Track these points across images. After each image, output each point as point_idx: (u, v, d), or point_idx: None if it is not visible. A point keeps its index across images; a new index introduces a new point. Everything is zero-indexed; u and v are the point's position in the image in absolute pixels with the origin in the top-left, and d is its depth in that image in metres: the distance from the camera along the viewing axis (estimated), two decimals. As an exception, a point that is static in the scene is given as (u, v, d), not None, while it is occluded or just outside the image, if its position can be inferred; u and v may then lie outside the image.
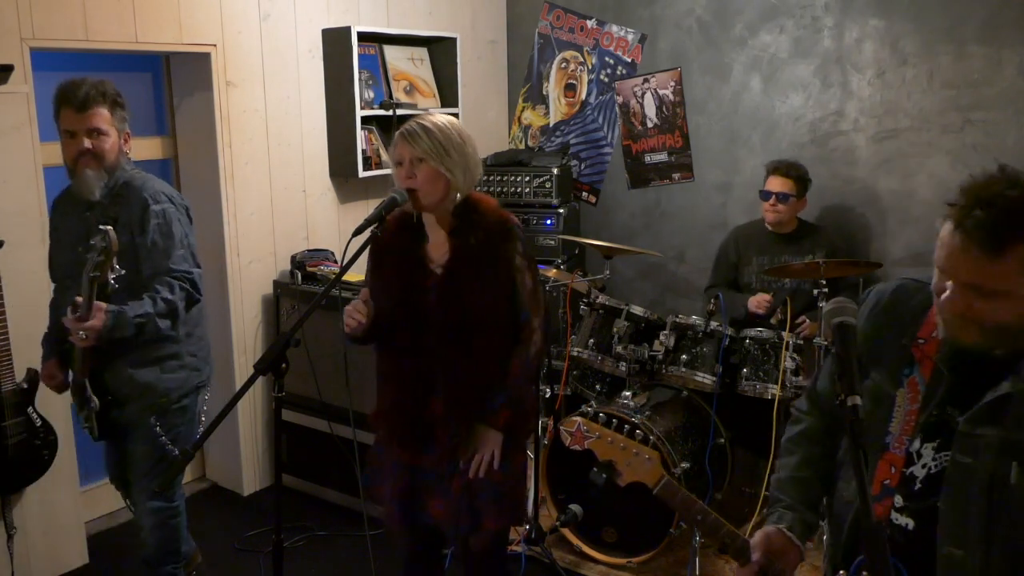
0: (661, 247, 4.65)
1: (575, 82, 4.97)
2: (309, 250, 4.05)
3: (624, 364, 3.48)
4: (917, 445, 1.47)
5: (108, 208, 2.56)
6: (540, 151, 5.00)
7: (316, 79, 4.09)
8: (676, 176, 4.72)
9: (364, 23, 4.25)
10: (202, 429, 2.80)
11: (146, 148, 3.80)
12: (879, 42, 4.01)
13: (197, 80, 3.71)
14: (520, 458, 2.40)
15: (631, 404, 3.41)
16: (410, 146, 2.18)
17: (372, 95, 4.26)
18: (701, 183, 4.63)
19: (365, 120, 4.14)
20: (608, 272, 3.80)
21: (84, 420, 2.70)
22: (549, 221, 4.59)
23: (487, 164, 4.70)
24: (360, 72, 4.07)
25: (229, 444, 3.97)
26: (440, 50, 4.63)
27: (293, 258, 3.95)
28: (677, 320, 3.50)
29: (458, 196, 2.25)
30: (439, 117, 2.26)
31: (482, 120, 5.01)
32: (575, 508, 3.32)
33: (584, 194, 5.03)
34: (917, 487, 1.46)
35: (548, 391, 3.70)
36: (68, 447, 3.25)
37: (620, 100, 4.82)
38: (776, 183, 3.76)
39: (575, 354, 3.59)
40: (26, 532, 3.17)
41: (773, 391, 3.33)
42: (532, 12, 5.04)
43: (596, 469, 1.68)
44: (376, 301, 2.27)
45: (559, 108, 5.06)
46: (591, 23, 4.85)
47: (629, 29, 4.72)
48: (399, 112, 4.04)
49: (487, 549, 2.39)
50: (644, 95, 4.73)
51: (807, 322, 3.60)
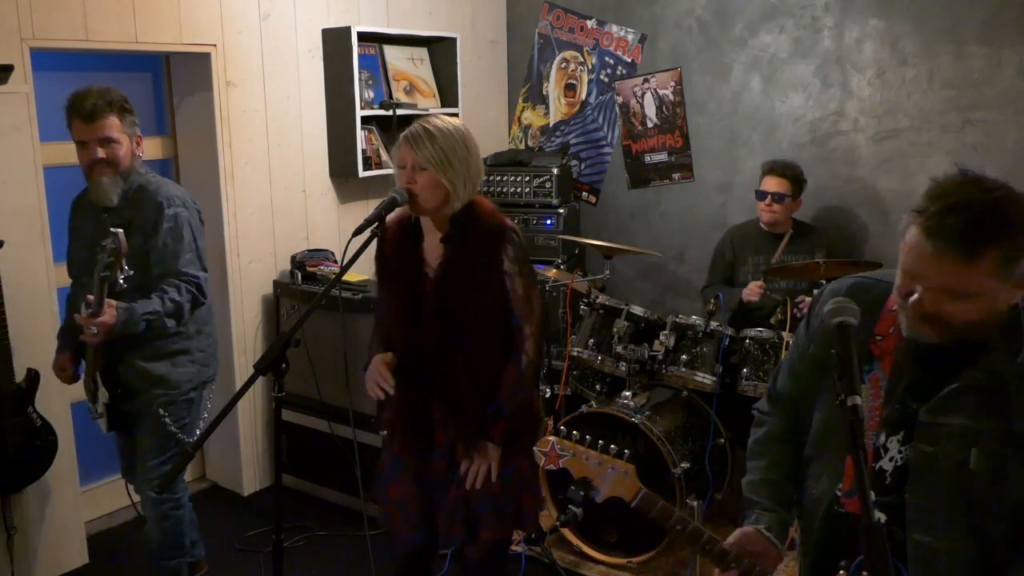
0: (661, 247, 4.65)
1: (575, 82, 4.97)
2: (309, 250, 4.05)
3: (624, 364, 3.48)
4: (883, 439, 1.51)
5: (123, 211, 2.65)
6: (540, 151, 5.01)
7: (316, 79, 4.09)
8: (676, 176, 4.72)
9: (364, 23, 4.26)
10: (204, 425, 2.86)
11: (146, 148, 3.72)
12: (879, 42, 4.01)
13: (197, 80, 3.71)
14: (524, 466, 2.36)
15: (631, 404, 3.41)
16: (413, 152, 2.15)
17: (372, 95, 4.26)
18: (701, 183, 4.63)
19: (365, 120, 4.14)
20: (608, 272, 3.80)
21: (97, 413, 2.81)
22: (549, 221, 4.59)
23: (487, 164, 4.69)
24: (360, 72, 4.07)
25: (229, 444, 3.97)
26: (440, 50, 4.63)
27: (293, 258, 3.95)
28: (677, 320, 3.50)
29: (457, 205, 2.21)
30: (446, 122, 2.21)
31: (482, 120, 5.01)
32: (575, 508, 3.32)
33: (584, 194, 5.03)
34: (887, 481, 1.50)
35: (548, 391, 3.70)
36: (68, 447, 3.25)
37: (620, 100, 4.82)
38: (772, 183, 3.75)
39: (575, 354, 3.60)
40: (26, 532, 3.17)
41: (773, 391, 3.32)
42: (532, 12, 5.04)
43: (573, 487, 1.70)
44: (382, 305, 2.28)
45: (559, 108, 5.06)
46: (591, 23, 4.85)
47: (629, 29, 4.72)
48: (399, 112, 4.04)
49: (484, 557, 2.40)
50: (644, 95, 4.73)
51: (805, 300, 3.56)
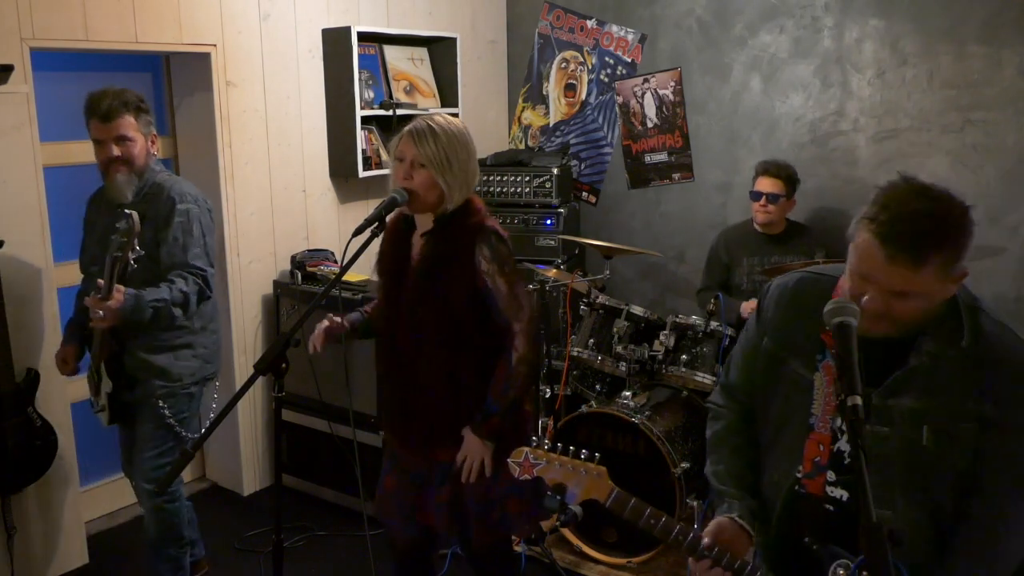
0: (661, 247, 4.65)
1: (575, 82, 4.97)
2: (309, 250, 4.05)
3: (624, 364, 3.48)
4: (839, 422, 1.60)
5: (138, 206, 2.70)
6: (540, 151, 5.00)
7: (316, 79, 4.09)
8: (676, 176, 4.72)
9: (364, 23, 4.26)
10: (207, 424, 2.85)
11: (146, 148, 3.79)
12: (879, 42, 4.01)
13: (197, 80, 3.71)
14: (503, 476, 2.27)
15: (631, 404, 3.41)
16: (415, 148, 2.15)
17: (372, 95, 4.26)
18: (701, 183, 4.63)
19: (365, 120, 4.14)
20: (608, 272, 3.80)
21: (98, 406, 2.84)
22: (549, 221, 4.59)
23: (487, 164, 4.69)
24: (360, 72, 4.07)
25: (229, 444, 3.97)
26: (440, 50, 4.63)
27: (293, 258, 3.95)
28: (677, 320, 3.50)
29: (449, 207, 2.21)
30: (450, 122, 2.21)
31: (482, 120, 5.01)
32: (575, 508, 3.32)
33: (584, 194, 5.03)
34: (846, 461, 1.60)
35: (548, 391, 3.70)
36: (68, 447, 3.25)
37: (620, 100, 4.82)
38: (766, 184, 3.75)
39: (575, 354, 3.60)
40: (26, 532, 3.17)
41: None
42: (532, 12, 5.04)
43: (550, 494, 1.74)
44: (379, 295, 2.31)
45: (559, 108, 5.06)
46: (591, 23, 4.85)
47: (629, 29, 4.72)
48: (399, 112, 4.04)
49: (483, 558, 2.41)
50: (644, 95, 4.73)
51: None
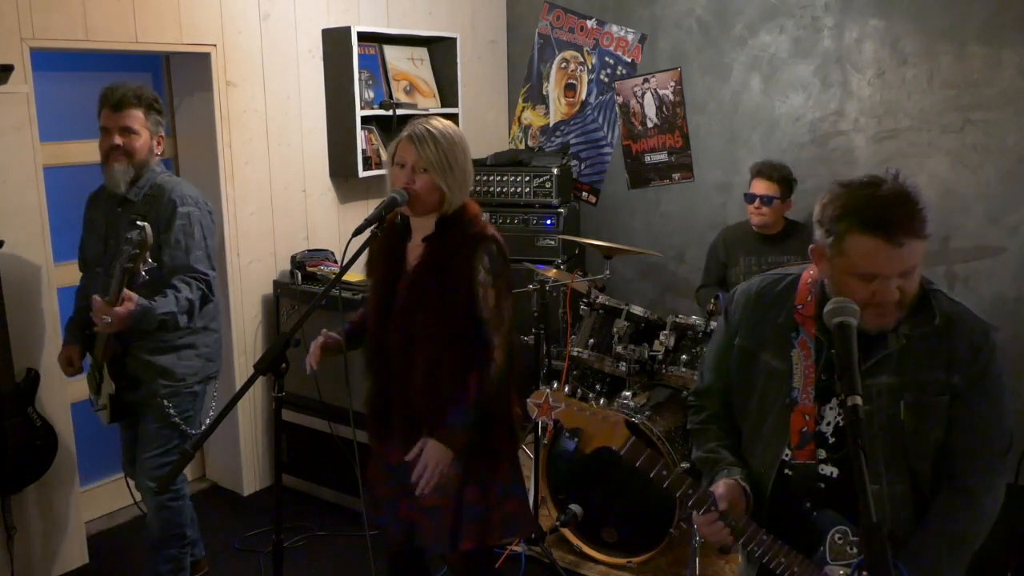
0: (661, 247, 4.65)
1: (575, 82, 4.97)
2: (309, 250, 4.05)
3: (624, 364, 3.48)
4: (818, 408, 1.68)
5: (139, 207, 2.73)
6: (540, 151, 5.00)
7: (316, 79, 4.09)
8: (676, 176, 4.72)
9: (364, 23, 4.25)
10: (207, 422, 2.85)
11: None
12: (879, 42, 4.01)
13: (197, 80, 3.71)
14: (507, 472, 2.32)
15: (631, 404, 3.41)
16: (417, 152, 2.16)
17: (372, 95, 4.26)
18: (701, 183, 4.63)
19: (365, 120, 4.14)
20: (608, 272, 3.80)
21: (99, 404, 2.85)
22: (549, 221, 4.59)
23: (487, 164, 4.70)
24: (360, 72, 4.07)
25: (229, 444, 3.97)
26: (440, 50, 4.63)
27: (293, 258, 3.95)
28: (677, 320, 3.50)
29: (449, 209, 2.22)
30: (445, 125, 2.22)
31: (482, 120, 5.01)
32: (575, 508, 3.33)
33: (584, 194, 5.03)
34: (831, 441, 1.69)
35: (548, 391, 3.69)
36: (68, 447, 3.25)
37: (620, 100, 4.82)
38: (760, 186, 3.74)
39: (575, 354, 3.59)
40: (26, 532, 3.17)
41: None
42: (532, 12, 5.04)
43: (567, 434, 1.76)
44: (368, 298, 2.30)
45: (559, 108, 5.06)
46: (591, 23, 4.85)
47: (629, 29, 4.72)
48: (399, 112, 4.04)
49: (469, 564, 2.39)
50: (644, 95, 4.73)
51: None
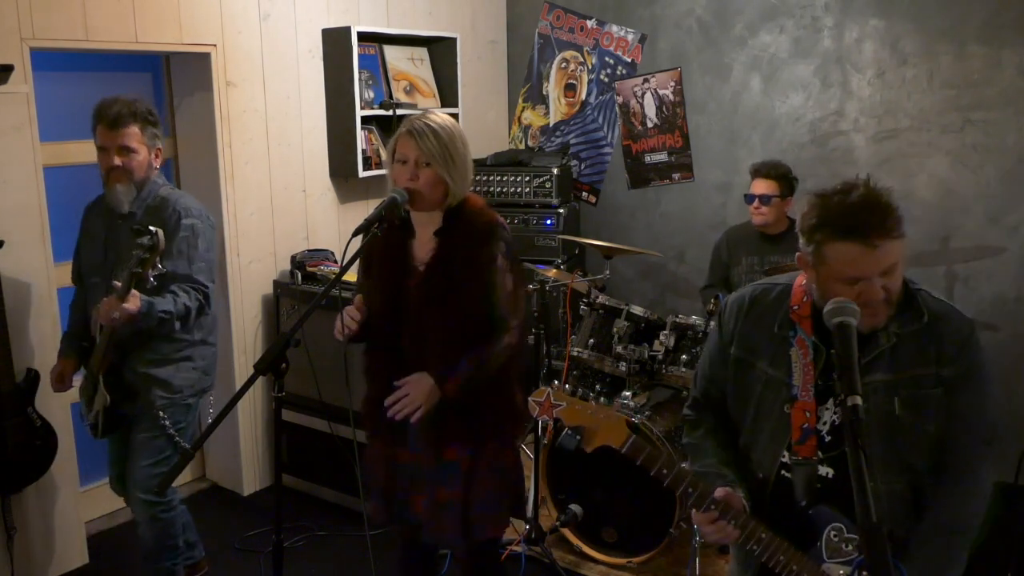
0: (661, 247, 4.65)
1: (575, 82, 4.97)
2: (309, 250, 4.05)
3: (624, 364, 3.48)
4: (826, 401, 1.70)
5: (141, 218, 2.71)
6: (540, 151, 5.00)
7: (316, 79, 4.09)
8: (676, 176, 4.72)
9: (364, 23, 4.26)
10: (199, 435, 2.85)
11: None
12: (879, 42, 4.01)
13: (197, 80, 3.71)
14: (511, 457, 2.37)
15: (631, 404, 3.41)
16: (418, 147, 2.15)
17: (372, 95, 4.26)
18: (701, 183, 4.63)
19: (365, 120, 4.14)
20: (608, 272, 3.80)
21: (90, 417, 2.82)
22: (549, 221, 4.59)
23: (487, 164, 4.70)
24: (360, 72, 4.07)
25: (229, 444, 3.97)
26: (440, 50, 4.63)
27: (293, 258, 3.95)
28: (677, 320, 3.50)
29: (453, 201, 2.23)
30: (443, 118, 2.23)
31: (482, 120, 5.01)
32: (575, 508, 3.33)
33: (584, 194, 5.03)
34: (827, 440, 1.70)
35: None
36: (68, 447, 3.25)
37: (620, 100, 4.82)
38: (759, 186, 3.73)
39: (575, 354, 3.59)
40: (26, 532, 3.17)
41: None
42: (532, 12, 5.04)
43: (569, 432, 1.77)
44: (367, 300, 2.28)
45: (559, 108, 5.06)
46: (591, 23, 4.85)
47: (629, 29, 4.72)
48: (399, 112, 4.04)
49: (481, 556, 2.40)
50: (644, 95, 4.73)
51: None
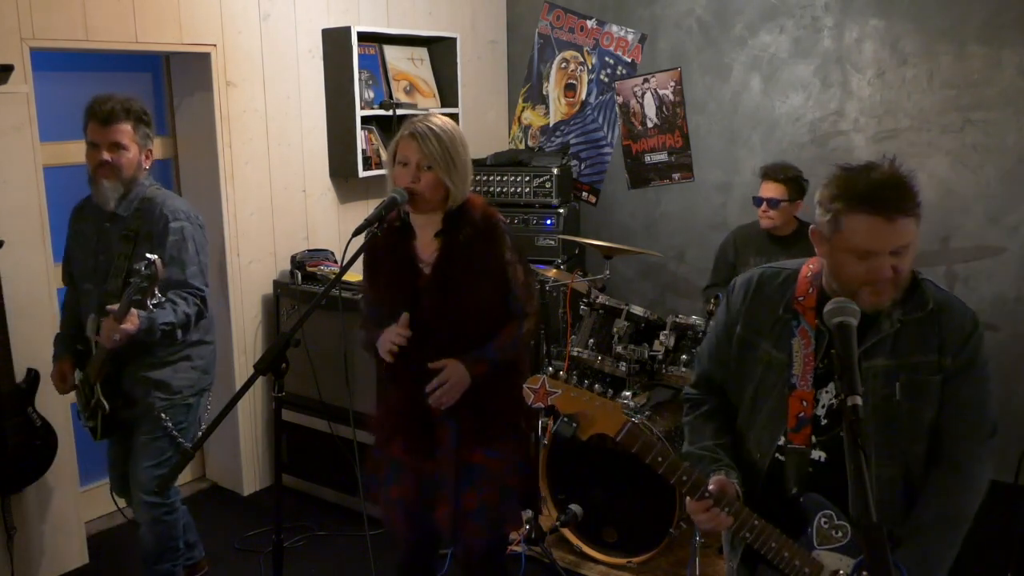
0: (661, 247, 4.65)
1: (575, 82, 4.97)
2: (309, 250, 4.05)
3: (624, 364, 3.48)
4: (815, 393, 1.72)
5: (129, 221, 2.70)
6: (540, 151, 5.00)
7: (316, 79, 4.09)
8: (676, 176, 4.72)
9: (364, 23, 4.26)
10: (200, 433, 2.85)
11: (146, 148, 3.79)
12: (879, 42, 4.02)
13: (197, 80, 3.71)
14: (522, 451, 2.39)
15: (631, 404, 3.41)
16: (420, 150, 2.15)
17: (372, 95, 4.26)
18: (701, 183, 4.63)
19: (365, 120, 4.14)
20: (608, 272, 3.80)
21: (87, 420, 2.81)
22: (549, 221, 4.59)
23: (487, 164, 4.70)
24: (360, 72, 4.07)
25: (229, 444, 3.97)
26: (440, 50, 4.63)
27: (293, 258, 3.95)
28: (677, 320, 3.50)
29: (453, 204, 2.23)
30: (444, 121, 2.23)
31: (482, 120, 5.01)
32: (575, 508, 3.32)
33: (584, 194, 5.04)
34: (823, 423, 1.72)
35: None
36: (68, 447, 3.25)
37: (620, 100, 4.82)
38: (767, 189, 3.71)
39: (575, 354, 3.59)
40: (26, 532, 3.17)
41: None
42: (532, 12, 5.05)
43: (565, 420, 1.75)
44: (374, 305, 2.27)
45: (559, 108, 5.06)
46: (591, 23, 4.85)
47: (629, 29, 4.72)
48: (399, 112, 4.04)
49: (488, 553, 2.39)
50: (644, 95, 4.73)
51: None
